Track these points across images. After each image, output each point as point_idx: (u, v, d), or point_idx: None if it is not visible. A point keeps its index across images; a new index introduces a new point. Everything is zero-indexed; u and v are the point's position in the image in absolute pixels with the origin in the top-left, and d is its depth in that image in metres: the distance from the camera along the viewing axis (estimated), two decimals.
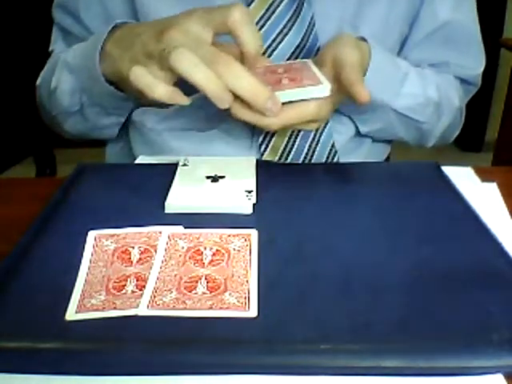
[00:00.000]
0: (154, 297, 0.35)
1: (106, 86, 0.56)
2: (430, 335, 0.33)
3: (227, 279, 0.37)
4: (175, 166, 0.54)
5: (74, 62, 0.62)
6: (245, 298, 0.35)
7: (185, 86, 0.46)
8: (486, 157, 1.96)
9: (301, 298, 0.36)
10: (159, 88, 0.46)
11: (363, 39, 0.58)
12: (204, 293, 0.36)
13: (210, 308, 0.34)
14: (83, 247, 0.40)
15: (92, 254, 0.40)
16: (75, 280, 0.37)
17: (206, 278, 0.37)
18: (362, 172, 0.56)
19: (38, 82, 0.71)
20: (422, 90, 0.63)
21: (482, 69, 0.72)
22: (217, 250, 0.40)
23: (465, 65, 0.70)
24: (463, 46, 0.69)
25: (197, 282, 0.37)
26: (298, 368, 0.31)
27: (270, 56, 0.61)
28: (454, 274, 0.38)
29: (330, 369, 0.31)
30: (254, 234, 0.42)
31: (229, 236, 0.41)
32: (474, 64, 0.72)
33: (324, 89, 0.48)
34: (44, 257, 0.40)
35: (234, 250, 0.40)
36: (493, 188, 0.52)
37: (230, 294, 0.36)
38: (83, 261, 0.39)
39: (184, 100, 0.47)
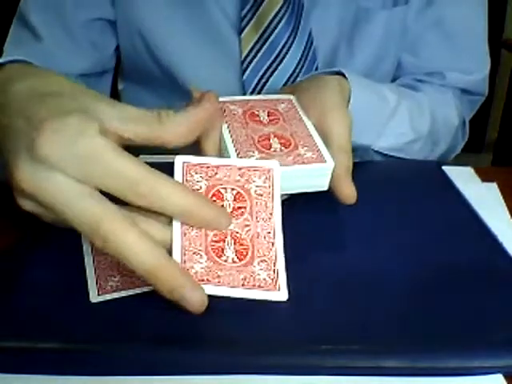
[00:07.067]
0: (185, 262, 0.34)
1: None
2: (430, 335, 0.33)
3: (253, 239, 0.36)
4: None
5: None
6: (274, 271, 0.35)
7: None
8: (486, 157, 1.96)
9: (301, 298, 0.35)
10: None
11: (341, 74, 0.50)
12: (234, 261, 0.35)
13: (243, 285, 0.34)
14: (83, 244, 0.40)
15: (93, 251, 0.39)
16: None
17: (231, 237, 0.36)
18: (362, 171, 0.56)
19: None
20: (412, 125, 0.56)
21: (485, 72, 0.67)
22: (238, 193, 0.37)
23: (463, 68, 0.65)
24: (464, 45, 0.64)
25: (224, 241, 0.35)
26: (299, 368, 0.31)
27: (269, 79, 0.59)
28: (455, 273, 0.38)
29: (331, 369, 0.31)
30: (276, 168, 0.38)
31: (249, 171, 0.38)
32: (476, 67, 0.66)
33: (327, 168, 0.41)
34: (45, 255, 0.40)
35: (256, 192, 0.37)
36: (493, 188, 0.52)
37: (258, 264, 0.35)
38: (86, 257, 0.38)
39: None
